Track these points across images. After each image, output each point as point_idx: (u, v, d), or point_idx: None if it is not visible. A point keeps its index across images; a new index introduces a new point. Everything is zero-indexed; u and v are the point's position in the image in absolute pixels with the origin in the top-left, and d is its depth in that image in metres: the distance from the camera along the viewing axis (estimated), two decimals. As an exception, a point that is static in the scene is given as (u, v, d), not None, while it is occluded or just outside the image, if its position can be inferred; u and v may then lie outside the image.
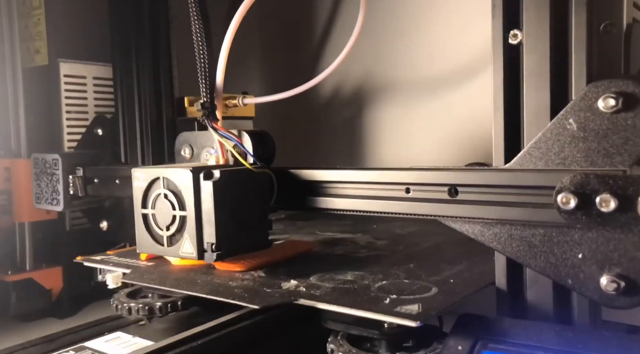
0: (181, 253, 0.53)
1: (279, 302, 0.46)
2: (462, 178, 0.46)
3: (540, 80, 0.44)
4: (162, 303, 0.56)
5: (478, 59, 0.77)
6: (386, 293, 0.46)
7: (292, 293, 0.48)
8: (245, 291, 0.49)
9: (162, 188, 0.53)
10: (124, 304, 0.57)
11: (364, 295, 0.47)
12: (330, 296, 0.47)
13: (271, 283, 0.51)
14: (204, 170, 0.52)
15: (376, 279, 0.51)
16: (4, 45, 0.81)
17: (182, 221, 0.52)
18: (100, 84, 0.85)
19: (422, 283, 0.50)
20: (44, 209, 0.76)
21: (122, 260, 0.63)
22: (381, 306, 0.43)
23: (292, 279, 0.52)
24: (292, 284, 0.51)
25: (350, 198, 0.53)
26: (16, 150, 0.81)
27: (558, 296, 0.45)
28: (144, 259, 0.62)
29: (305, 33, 0.93)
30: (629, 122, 0.38)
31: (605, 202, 0.37)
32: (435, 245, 0.65)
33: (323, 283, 0.50)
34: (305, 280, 0.51)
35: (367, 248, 0.65)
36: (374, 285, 0.49)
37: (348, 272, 0.54)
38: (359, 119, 0.88)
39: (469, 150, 0.77)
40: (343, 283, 0.51)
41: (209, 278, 0.54)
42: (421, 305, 0.43)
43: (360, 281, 0.51)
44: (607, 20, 0.45)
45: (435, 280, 0.51)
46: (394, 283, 0.50)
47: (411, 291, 0.47)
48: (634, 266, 0.38)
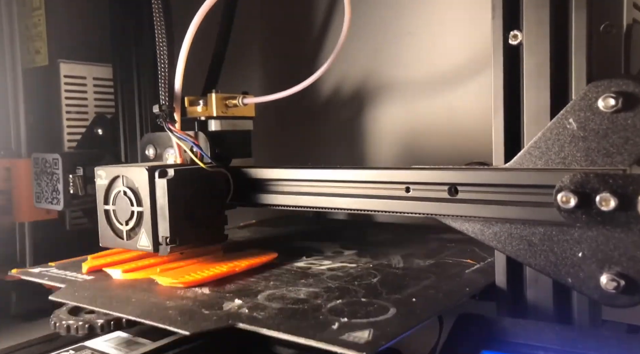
0: (139, 246, 0.56)
1: (213, 327, 0.42)
2: (462, 177, 0.46)
3: (540, 80, 0.44)
4: (105, 320, 0.53)
5: (478, 58, 0.77)
6: (337, 316, 0.42)
7: (232, 315, 0.44)
8: (180, 313, 0.45)
9: (121, 185, 0.57)
10: (62, 321, 0.54)
11: (312, 318, 0.42)
12: (273, 319, 0.42)
13: (212, 303, 0.47)
14: (159, 168, 0.55)
15: (331, 297, 0.47)
16: (4, 46, 0.81)
17: (140, 217, 0.56)
18: (100, 84, 0.85)
19: (381, 303, 0.45)
20: (44, 209, 0.76)
21: (62, 272, 0.60)
22: (327, 333, 0.39)
23: (237, 298, 0.48)
24: (235, 304, 0.46)
25: (350, 197, 0.53)
26: (16, 150, 0.81)
27: (558, 296, 0.45)
28: (85, 272, 0.59)
29: (305, 33, 0.93)
30: (629, 122, 0.38)
31: (605, 201, 0.37)
32: (406, 255, 0.61)
33: (270, 303, 0.46)
34: (251, 299, 0.47)
35: (331, 259, 0.61)
36: (327, 305, 0.45)
37: (302, 289, 0.50)
38: (359, 119, 0.88)
39: (469, 149, 0.77)
40: (293, 302, 0.46)
41: (146, 296, 0.50)
42: (372, 332, 0.38)
43: (312, 301, 0.46)
44: (607, 21, 0.45)
45: (396, 298, 0.46)
46: (349, 302, 0.45)
47: (366, 313, 0.42)
48: (634, 265, 0.38)
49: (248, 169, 0.61)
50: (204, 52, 0.82)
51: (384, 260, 0.60)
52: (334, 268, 0.58)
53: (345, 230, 0.82)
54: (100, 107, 0.85)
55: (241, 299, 0.47)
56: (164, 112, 0.59)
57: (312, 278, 0.54)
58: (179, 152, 0.61)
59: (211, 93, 0.70)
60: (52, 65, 0.81)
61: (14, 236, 0.80)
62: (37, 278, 0.59)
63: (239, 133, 0.73)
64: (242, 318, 0.43)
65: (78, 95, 0.83)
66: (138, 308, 0.47)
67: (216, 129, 0.70)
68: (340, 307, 0.44)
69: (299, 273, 0.56)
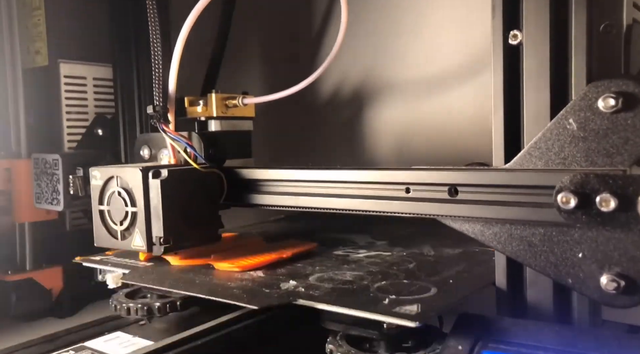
0: (133, 246, 0.57)
1: (277, 302, 0.46)
2: (462, 178, 0.46)
3: (540, 80, 0.44)
4: (161, 303, 0.56)
5: (478, 58, 0.77)
6: (385, 294, 0.46)
7: (291, 293, 0.48)
8: (243, 292, 0.49)
9: (116, 186, 0.58)
10: (122, 304, 0.57)
11: (362, 295, 0.47)
12: (329, 296, 0.47)
13: (270, 284, 0.51)
14: (152, 169, 0.56)
15: (375, 279, 0.51)
16: (4, 46, 0.81)
17: (134, 217, 0.57)
18: (100, 84, 0.85)
19: (422, 284, 0.49)
20: (44, 209, 0.76)
21: (121, 260, 0.63)
22: (380, 307, 0.43)
23: (291, 279, 0.52)
24: (290, 284, 0.51)
25: (350, 198, 0.53)
26: (16, 150, 0.81)
27: (558, 296, 0.45)
28: (142, 259, 0.62)
29: (305, 33, 0.93)
30: (629, 122, 0.38)
31: (605, 202, 0.37)
32: (434, 245, 0.65)
33: (322, 283, 0.50)
34: (304, 281, 0.51)
35: (366, 248, 0.65)
36: (373, 285, 0.49)
37: (347, 272, 0.54)
38: (359, 119, 0.88)
39: (469, 149, 0.77)
40: (342, 283, 0.50)
41: (208, 278, 0.54)
42: (420, 306, 0.43)
43: (359, 282, 0.51)
44: (607, 21, 0.45)
45: (434, 280, 0.50)
46: (393, 283, 0.50)
47: (410, 292, 0.47)
48: (634, 266, 0.38)
49: (242, 169, 0.62)
50: (202, 53, 0.82)
51: (415, 249, 0.64)
52: (370, 255, 0.61)
53: (371, 223, 0.81)
54: (100, 107, 0.85)
55: (295, 281, 0.51)
56: (157, 113, 0.59)
57: (354, 264, 0.58)
58: (172, 153, 0.61)
59: (211, 94, 0.70)
60: (52, 65, 0.81)
61: (14, 236, 0.80)
62: (99, 265, 0.62)
63: (239, 134, 0.73)
64: (301, 295, 0.47)
65: (78, 95, 0.83)
66: (204, 287, 0.51)
67: (216, 129, 0.70)
68: (386, 287, 0.49)
69: (339, 259, 0.60)
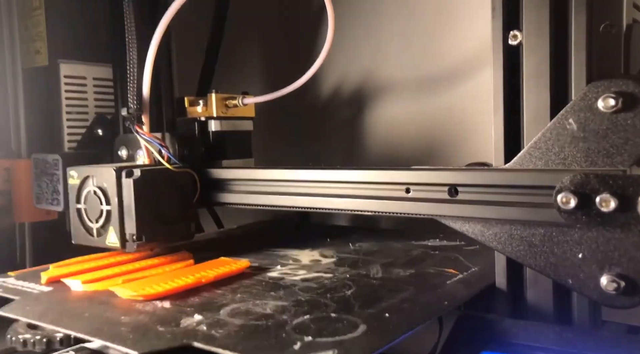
0: (108, 243, 0.59)
1: (165, 346, 0.39)
2: (462, 178, 0.46)
3: (540, 80, 0.44)
4: (64, 334, 0.48)
5: (478, 58, 0.77)
6: (302, 334, 0.39)
7: (188, 333, 0.41)
8: (132, 330, 0.42)
9: (92, 185, 0.60)
10: (19, 335, 0.50)
11: (273, 336, 0.40)
12: (232, 338, 0.39)
13: (170, 319, 0.44)
14: (126, 169, 0.58)
15: (299, 312, 0.44)
16: (4, 46, 0.81)
17: (108, 215, 0.58)
18: (100, 84, 0.85)
19: (351, 319, 0.42)
20: (44, 209, 0.76)
21: (19, 283, 0.57)
22: None
23: (198, 313, 0.45)
24: (194, 320, 0.43)
25: (350, 198, 0.53)
26: (16, 150, 0.81)
27: (558, 296, 0.45)
28: (44, 282, 0.56)
29: (305, 33, 0.93)
30: (629, 122, 0.38)
31: (605, 202, 0.37)
32: (386, 263, 0.59)
33: (232, 319, 0.43)
34: (212, 315, 0.44)
35: (307, 269, 0.58)
36: (292, 322, 0.42)
37: (270, 302, 0.47)
38: (359, 119, 0.88)
39: (469, 149, 0.77)
40: (257, 318, 0.43)
41: (102, 310, 0.47)
42: (337, 352, 0.36)
43: (278, 316, 0.43)
44: (607, 21, 0.45)
45: (367, 313, 0.43)
46: (317, 318, 0.43)
47: (333, 331, 0.40)
48: (634, 266, 0.38)
49: (214, 169, 0.64)
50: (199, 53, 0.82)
51: (363, 269, 0.57)
52: (308, 278, 0.55)
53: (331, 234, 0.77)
54: (100, 107, 0.85)
55: (202, 315, 0.44)
56: (131, 115, 0.61)
57: (283, 289, 0.51)
58: (147, 153, 0.63)
59: (211, 94, 0.70)
60: (52, 65, 0.81)
61: (14, 236, 0.80)
62: None
63: (239, 134, 0.73)
64: (198, 336, 0.40)
65: (78, 95, 0.83)
66: (89, 324, 0.45)
67: (216, 129, 0.71)
68: (307, 323, 0.42)
69: (270, 284, 0.53)
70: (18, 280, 0.58)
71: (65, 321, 0.46)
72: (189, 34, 0.83)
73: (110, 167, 0.58)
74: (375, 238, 0.72)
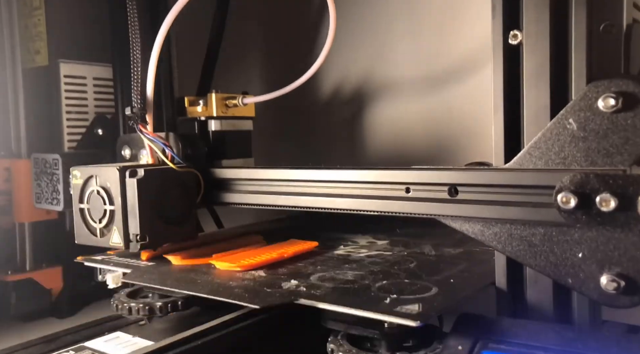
0: (111, 243, 0.59)
1: (279, 302, 0.46)
2: (462, 178, 0.46)
3: (540, 80, 0.44)
4: (163, 302, 0.56)
5: (478, 58, 0.77)
6: (386, 293, 0.46)
7: (293, 292, 0.48)
8: (245, 291, 0.49)
9: (95, 185, 0.60)
10: (124, 304, 0.58)
11: (364, 294, 0.47)
12: (330, 296, 0.47)
13: (271, 283, 0.51)
14: (129, 168, 0.58)
15: (376, 279, 0.51)
16: (4, 46, 0.81)
17: (112, 215, 0.58)
18: (100, 84, 0.85)
19: (423, 283, 0.49)
20: (44, 209, 0.76)
21: (123, 259, 0.63)
22: (381, 306, 0.43)
23: (293, 279, 0.52)
24: (292, 284, 0.51)
25: (350, 198, 0.53)
26: (16, 150, 0.81)
27: (558, 296, 0.45)
28: (144, 259, 0.62)
29: (305, 32, 0.93)
30: (629, 122, 0.38)
31: (605, 202, 0.37)
32: (435, 244, 0.65)
33: (323, 283, 0.51)
34: (305, 280, 0.52)
35: (367, 248, 0.65)
36: (375, 285, 0.49)
37: (348, 272, 0.54)
38: (359, 119, 0.88)
39: (469, 149, 0.77)
40: (343, 283, 0.50)
41: (209, 278, 0.54)
42: (421, 305, 0.43)
43: (360, 281, 0.51)
44: (607, 20, 0.45)
45: (435, 279, 0.50)
46: (394, 283, 0.50)
47: (411, 291, 0.47)
48: (634, 266, 0.38)
49: (217, 169, 0.64)
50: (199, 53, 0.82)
51: (416, 248, 0.64)
52: (371, 255, 0.61)
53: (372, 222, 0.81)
54: (100, 107, 0.85)
55: (297, 280, 0.51)
56: (135, 115, 0.61)
57: (355, 263, 0.58)
58: (150, 153, 0.63)
59: (211, 94, 0.70)
60: (52, 65, 0.81)
61: (14, 236, 0.80)
62: (101, 265, 0.62)
63: (239, 134, 0.73)
64: (303, 295, 0.47)
65: (78, 95, 0.83)
66: (206, 287, 0.51)
67: (216, 129, 0.71)
68: (388, 286, 0.49)
69: (341, 259, 0.60)
70: (120, 257, 0.64)
71: (184, 286, 0.52)
72: (189, 33, 0.83)
73: (113, 167, 0.58)
74: (416, 225, 0.76)
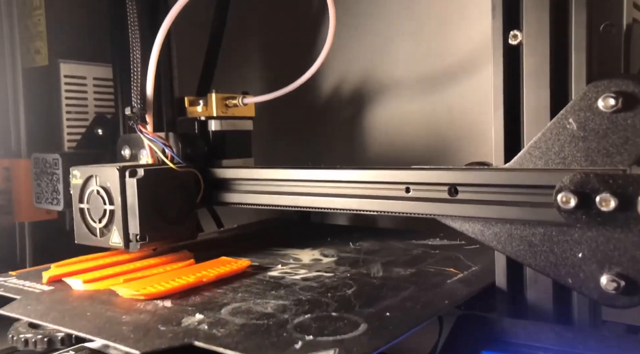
0: (111, 243, 0.59)
1: (166, 345, 0.39)
2: (462, 178, 0.46)
3: (540, 80, 0.44)
4: (66, 334, 0.48)
5: (478, 58, 0.77)
6: (302, 333, 0.39)
7: (190, 332, 0.41)
8: (134, 330, 0.42)
9: (95, 185, 0.60)
10: (20, 335, 0.50)
11: (274, 335, 0.39)
12: (232, 337, 0.39)
13: (171, 318, 0.44)
14: (129, 168, 0.58)
15: (299, 311, 0.44)
16: (4, 46, 0.81)
17: (112, 215, 0.58)
18: (100, 84, 0.85)
19: (352, 318, 0.42)
20: (44, 209, 0.76)
21: (20, 282, 0.57)
22: (288, 353, 0.36)
23: (199, 312, 0.45)
24: (195, 319, 0.43)
25: (350, 197, 0.53)
26: (16, 150, 0.81)
27: (558, 296, 0.45)
28: (45, 282, 0.56)
29: (305, 32, 0.93)
30: (629, 122, 0.38)
31: (605, 201, 0.37)
32: (386, 263, 0.59)
33: (234, 317, 0.43)
34: (214, 314, 0.44)
35: (307, 268, 0.58)
36: (293, 321, 0.42)
37: (271, 302, 0.47)
38: (359, 119, 0.88)
39: (469, 149, 0.77)
40: (258, 317, 0.43)
41: (103, 309, 0.47)
42: (337, 352, 0.36)
43: (279, 315, 0.43)
44: (607, 21, 0.45)
45: (369, 312, 0.43)
46: (318, 317, 0.43)
47: (334, 330, 0.40)
48: (634, 266, 0.38)
49: (217, 169, 0.64)
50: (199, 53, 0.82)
51: (364, 268, 0.57)
52: (308, 277, 0.55)
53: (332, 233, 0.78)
54: (100, 107, 0.85)
55: (203, 314, 0.45)
56: (135, 115, 0.61)
57: (284, 289, 0.51)
58: (150, 153, 0.63)
59: (211, 94, 0.70)
60: (52, 65, 0.81)
61: (14, 236, 0.80)
62: None
63: (239, 133, 0.73)
64: (200, 336, 0.40)
65: (78, 95, 0.83)
66: (91, 323, 0.45)
67: (216, 129, 0.71)
68: (308, 322, 0.42)
69: (270, 283, 0.53)
70: (19, 280, 0.58)
71: (66, 321, 0.46)
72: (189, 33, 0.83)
73: (113, 167, 0.58)
74: (375, 237, 0.72)
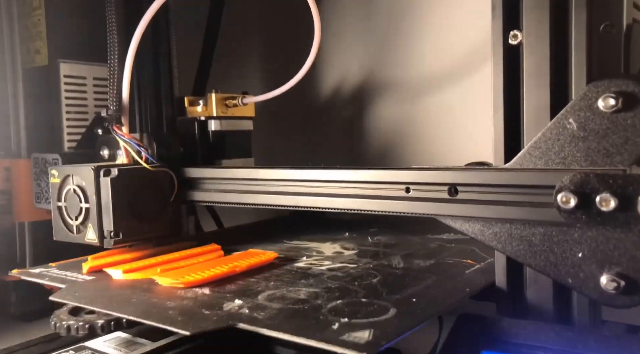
0: (86, 239, 0.61)
1: (213, 327, 0.42)
2: (462, 178, 0.46)
3: (540, 80, 0.44)
4: (105, 321, 0.52)
5: (478, 57, 0.77)
6: (337, 316, 0.42)
7: (233, 315, 0.43)
8: (180, 314, 0.44)
9: (71, 184, 0.62)
10: (62, 322, 0.53)
11: (312, 318, 0.42)
12: (273, 319, 0.42)
13: (213, 303, 0.46)
14: (104, 168, 0.60)
15: (331, 297, 0.46)
16: (4, 46, 0.81)
17: (87, 213, 0.61)
18: (100, 84, 0.85)
19: (381, 303, 0.44)
20: (44, 209, 0.76)
21: (62, 273, 0.60)
22: (327, 333, 0.38)
23: (238, 298, 0.47)
24: (235, 304, 0.46)
25: (350, 197, 0.53)
26: (16, 150, 0.81)
27: (558, 296, 0.45)
28: (85, 272, 0.59)
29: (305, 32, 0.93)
30: (629, 122, 0.38)
31: (605, 201, 0.37)
32: (406, 255, 0.61)
33: (270, 303, 0.46)
34: (251, 300, 0.47)
35: (331, 260, 0.61)
36: (327, 306, 0.44)
37: (302, 289, 0.49)
38: (359, 119, 0.88)
39: (469, 149, 0.77)
40: (293, 303, 0.46)
41: (147, 296, 0.50)
42: (372, 332, 0.38)
43: (312, 301, 0.46)
44: (607, 21, 0.45)
45: (396, 299, 0.45)
46: (349, 302, 0.45)
47: (366, 313, 0.42)
48: (634, 265, 0.38)
49: (191, 169, 0.65)
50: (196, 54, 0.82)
51: (385, 260, 0.60)
52: (334, 268, 0.57)
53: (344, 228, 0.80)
54: (100, 107, 0.85)
55: (241, 300, 0.47)
56: (110, 116, 0.63)
57: (313, 278, 0.53)
58: (125, 153, 0.64)
59: (211, 93, 0.70)
60: (52, 65, 0.81)
61: (14, 236, 0.80)
62: (37, 279, 0.59)
63: (239, 133, 0.73)
64: (243, 318, 0.43)
65: (78, 95, 0.83)
66: (138, 308, 0.47)
67: (216, 129, 0.71)
68: (341, 307, 0.44)
69: (299, 273, 0.56)
70: (60, 270, 0.61)
71: (115, 306, 0.49)
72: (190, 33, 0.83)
73: (89, 166, 0.60)
74: (392, 232, 0.74)
